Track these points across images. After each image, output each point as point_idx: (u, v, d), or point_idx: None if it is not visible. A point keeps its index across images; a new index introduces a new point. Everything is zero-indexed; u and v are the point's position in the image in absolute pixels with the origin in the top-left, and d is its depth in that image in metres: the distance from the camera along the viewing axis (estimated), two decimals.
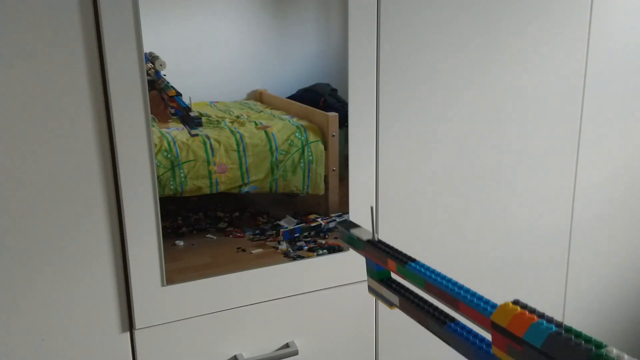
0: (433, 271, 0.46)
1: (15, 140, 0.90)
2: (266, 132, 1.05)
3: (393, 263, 0.49)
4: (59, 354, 1.00)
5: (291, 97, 1.06)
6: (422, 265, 0.47)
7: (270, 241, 1.10)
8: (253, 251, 1.08)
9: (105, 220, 0.98)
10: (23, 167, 0.91)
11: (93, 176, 0.96)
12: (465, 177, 1.25)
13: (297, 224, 1.11)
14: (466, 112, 1.21)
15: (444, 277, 0.44)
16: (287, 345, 1.16)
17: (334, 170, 1.12)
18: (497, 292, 1.36)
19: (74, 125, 0.93)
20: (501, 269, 1.35)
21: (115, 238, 1.00)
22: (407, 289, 0.51)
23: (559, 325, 0.34)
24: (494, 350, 0.38)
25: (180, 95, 0.96)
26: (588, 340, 0.32)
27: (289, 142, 1.07)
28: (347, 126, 1.11)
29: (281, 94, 1.05)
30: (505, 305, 0.37)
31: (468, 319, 0.41)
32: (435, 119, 1.19)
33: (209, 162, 1.02)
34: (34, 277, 0.96)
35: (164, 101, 0.95)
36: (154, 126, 0.97)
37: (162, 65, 0.93)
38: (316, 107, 1.08)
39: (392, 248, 0.51)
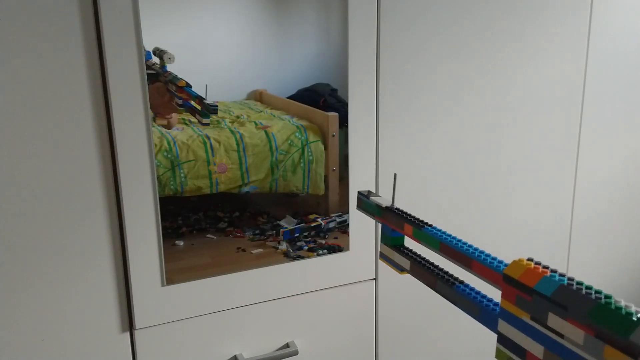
0: (448, 234, 0.49)
1: (15, 140, 0.90)
2: (266, 132, 1.05)
3: (410, 227, 0.52)
4: (59, 354, 1.00)
5: (291, 97, 1.06)
6: (438, 229, 0.50)
7: (270, 241, 1.10)
8: (253, 251, 1.08)
9: (105, 220, 0.98)
10: (22, 167, 0.91)
11: (93, 176, 0.96)
12: (465, 177, 1.25)
13: (297, 224, 1.11)
14: (466, 112, 1.21)
15: (458, 239, 0.47)
16: (287, 345, 1.16)
17: (334, 170, 1.12)
18: (497, 291, 1.36)
19: (74, 125, 0.93)
20: None
21: (115, 238, 1.00)
22: (418, 255, 0.54)
23: (571, 279, 0.35)
24: (502, 303, 0.39)
25: (191, 86, 0.96)
26: (598, 292, 0.33)
27: (289, 142, 1.07)
28: (347, 126, 1.11)
29: (281, 94, 1.05)
30: (519, 260, 0.38)
31: (480, 277, 0.43)
32: (435, 119, 1.19)
33: (209, 162, 1.02)
34: (34, 277, 0.96)
35: (169, 93, 0.95)
36: (154, 126, 0.97)
37: (171, 58, 0.93)
38: (316, 107, 1.08)
39: (409, 214, 0.54)
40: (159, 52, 0.94)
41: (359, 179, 1.14)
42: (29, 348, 0.98)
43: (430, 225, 0.51)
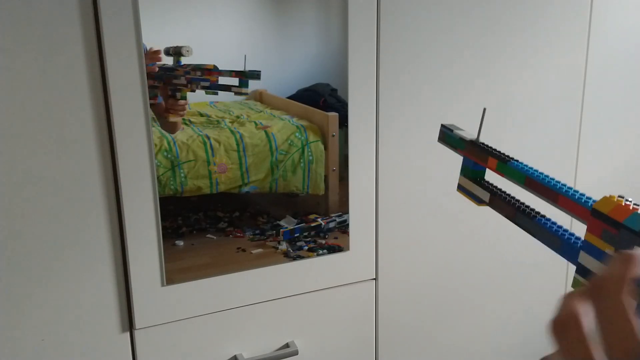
0: (534, 169, 0.49)
1: (15, 141, 0.90)
2: (266, 132, 1.05)
3: (494, 161, 0.53)
4: (59, 354, 1.00)
5: (291, 97, 1.06)
6: (523, 164, 0.50)
7: (270, 241, 1.10)
8: (253, 251, 1.08)
9: (105, 220, 0.98)
10: (22, 167, 0.91)
11: (93, 176, 0.96)
12: None
13: (297, 224, 1.11)
14: (466, 112, 1.21)
15: (545, 174, 0.48)
16: (287, 345, 1.16)
17: (334, 170, 1.12)
18: (498, 291, 1.36)
19: (74, 125, 0.93)
20: (501, 268, 1.35)
21: (115, 238, 1.00)
22: (498, 188, 0.55)
23: None
24: (587, 236, 0.41)
25: (217, 67, 0.97)
26: None
27: (289, 142, 1.07)
28: (347, 126, 1.11)
29: (281, 94, 1.05)
30: (610, 196, 0.40)
31: (566, 212, 0.44)
32: (435, 119, 1.19)
33: (209, 162, 1.02)
34: (34, 277, 0.96)
35: (189, 84, 0.95)
36: (154, 126, 0.97)
37: (189, 51, 0.94)
38: (316, 107, 1.08)
39: (494, 149, 0.55)
40: (173, 50, 0.94)
41: (359, 179, 1.14)
42: (29, 348, 0.98)
43: (517, 160, 0.52)
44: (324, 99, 1.08)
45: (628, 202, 0.39)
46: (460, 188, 0.60)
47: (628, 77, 1.37)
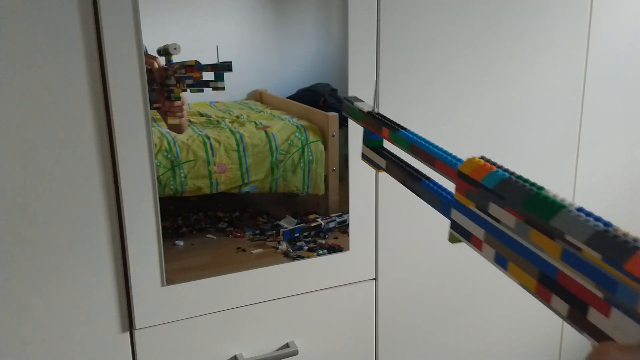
0: (419, 136, 0.53)
1: (15, 141, 0.90)
2: (266, 132, 1.05)
3: (387, 130, 0.57)
4: (58, 354, 1.00)
5: (291, 97, 1.06)
6: (411, 132, 0.54)
7: (270, 241, 1.10)
8: (253, 251, 1.08)
9: (105, 220, 0.98)
10: (22, 168, 0.91)
11: (93, 176, 0.95)
12: None
13: (297, 224, 1.11)
14: (466, 112, 1.21)
15: (426, 140, 0.51)
16: (287, 346, 1.16)
17: (334, 170, 1.12)
18: (498, 291, 1.36)
19: (74, 125, 0.93)
20: None
21: (115, 238, 1.00)
22: (394, 155, 0.59)
23: (513, 174, 0.40)
24: (456, 195, 0.44)
25: (199, 62, 0.97)
26: (533, 184, 0.38)
27: (289, 142, 1.07)
28: (347, 126, 1.11)
29: (281, 94, 1.05)
30: (472, 158, 0.43)
31: (441, 174, 0.48)
32: (435, 119, 1.19)
33: (209, 162, 1.02)
34: (34, 277, 0.96)
35: (177, 83, 0.95)
36: (153, 126, 0.97)
37: (177, 49, 0.93)
38: (316, 107, 1.08)
39: (387, 118, 0.59)
40: (163, 49, 0.94)
41: (359, 179, 1.14)
42: (29, 348, 0.98)
43: (405, 129, 0.55)
44: (324, 99, 1.08)
45: (487, 163, 0.42)
46: (364, 157, 0.63)
47: (628, 77, 1.37)
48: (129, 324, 1.04)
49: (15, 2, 0.86)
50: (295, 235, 1.11)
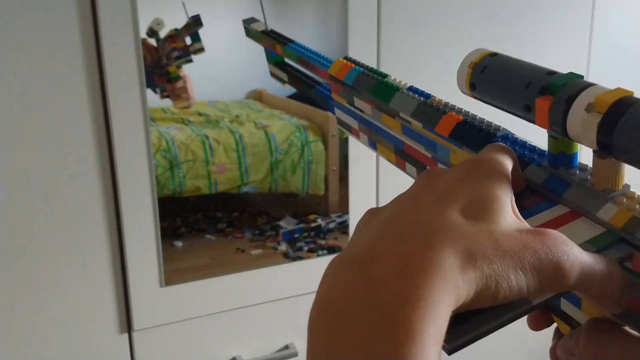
0: (304, 47, 0.56)
1: (12, 141, 0.90)
2: (265, 132, 1.05)
3: (279, 46, 0.59)
4: (57, 355, 1.00)
5: (291, 97, 1.06)
6: (298, 44, 0.57)
7: (270, 242, 1.09)
8: (252, 252, 1.08)
9: (103, 221, 0.97)
10: (20, 167, 0.91)
11: (91, 176, 0.95)
12: None
13: (296, 224, 1.11)
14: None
15: (312, 51, 0.54)
16: (286, 347, 1.16)
17: (334, 170, 1.11)
18: None
19: (72, 125, 0.92)
20: None
21: (114, 239, 0.99)
22: (295, 69, 0.62)
23: (367, 67, 0.45)
24: (333, 95, 0.49)
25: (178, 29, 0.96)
26: (380, 74, 0.43)
27: (289, 141, 1.06)
28: None
29: (281, 93, 1.05)
30: (338, 60, 0.47)
31: (322, 79, 0.53)
32: None
33: (208, 162, 1.01)
34: (32, 278, 0.95)
35: (168, 60, 0.95)
36: (152, 125, 0.96)
37: (160, 24, 0.93)
38: (316, 107, 1.07)
39: (278, 34, 0.62)
40: (150, 30, 0.93)
41: (359, 179, 1.13)
42: (28, 348, 0.98)
43: (293, 42, 0.58)
44: None
45: (349, 62, 0.46)
46: (271, 74, 0.66)
47: (630, 77, 1.36)
48: (127, 325, 1.03)
49: (14, 2, 0.86)
50: (295, 235, 1.11)
